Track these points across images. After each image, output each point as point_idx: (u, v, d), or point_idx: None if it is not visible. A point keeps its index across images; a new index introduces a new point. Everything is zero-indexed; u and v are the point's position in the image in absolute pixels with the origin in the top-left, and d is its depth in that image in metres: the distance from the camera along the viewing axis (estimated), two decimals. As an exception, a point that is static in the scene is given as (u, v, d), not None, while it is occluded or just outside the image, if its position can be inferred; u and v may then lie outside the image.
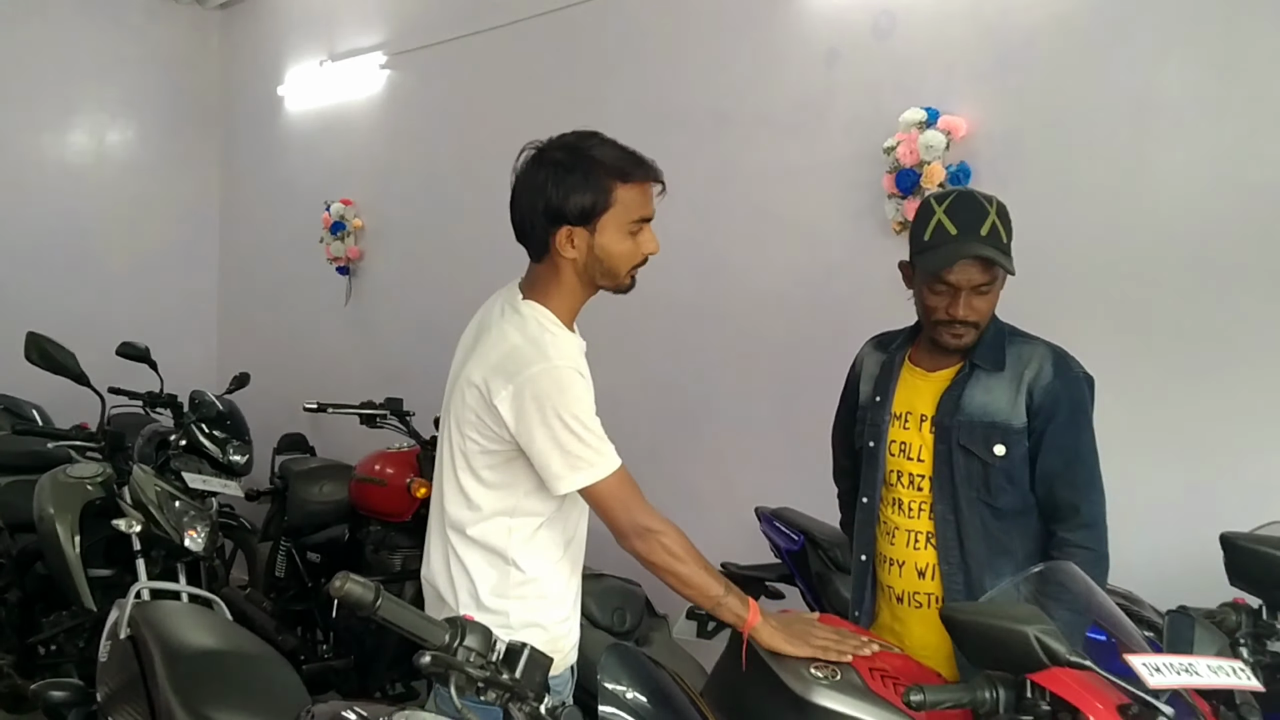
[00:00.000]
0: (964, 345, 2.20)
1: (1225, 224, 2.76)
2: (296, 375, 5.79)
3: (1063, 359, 2.20)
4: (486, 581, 1.97)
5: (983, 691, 1.61)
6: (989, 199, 2.18)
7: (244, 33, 6.56)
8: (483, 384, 1.91)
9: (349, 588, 1.43)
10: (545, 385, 1.87)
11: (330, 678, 3.98)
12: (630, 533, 1.92)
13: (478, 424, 1.93)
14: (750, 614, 1.92)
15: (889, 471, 2.29)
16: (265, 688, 2.29)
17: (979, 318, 2.17)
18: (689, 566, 1.93)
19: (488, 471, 1.96)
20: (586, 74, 4.42)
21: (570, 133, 1.99)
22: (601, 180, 1.92)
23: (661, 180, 2.01)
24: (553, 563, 2.02)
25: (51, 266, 6.00)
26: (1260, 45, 2.72)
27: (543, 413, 1.86)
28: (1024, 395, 2.15)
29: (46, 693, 2.57)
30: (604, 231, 1.94)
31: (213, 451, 4.28)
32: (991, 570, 2.16)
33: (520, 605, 1.97)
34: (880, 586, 2.32)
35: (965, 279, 2.13)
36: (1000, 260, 2.11)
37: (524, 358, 1.89)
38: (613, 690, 1.53)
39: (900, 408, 2.28)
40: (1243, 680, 1.63)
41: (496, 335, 1.95)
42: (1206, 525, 2.36)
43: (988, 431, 2.16)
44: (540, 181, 1.92)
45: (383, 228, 5.49)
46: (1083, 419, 2.18)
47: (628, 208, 1.95)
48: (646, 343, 4.18)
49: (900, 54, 3.41)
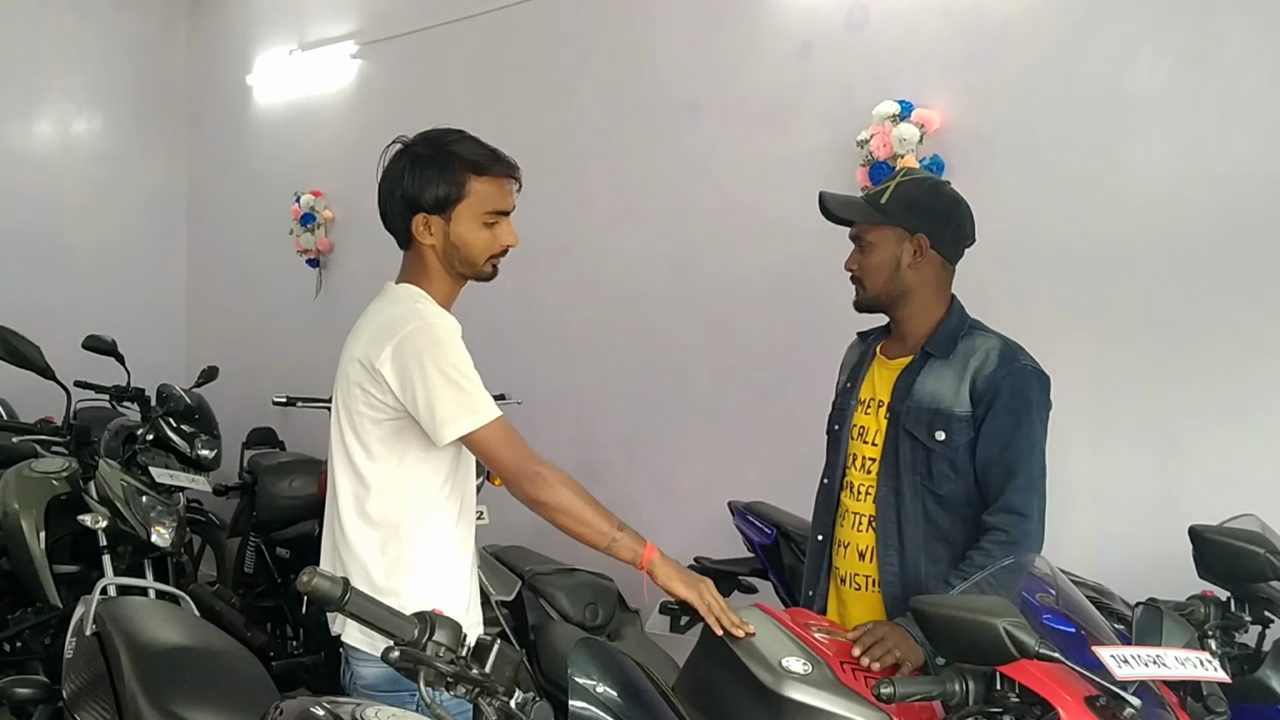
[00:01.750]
0: (857, 302, 2.34)
1: (1196, 217, 2.78)
2: (266, 368, 5.74)
3: (1011, 351, 2.22)
4: (379, 564, 2.01)
5: (952, 684, 1.62)
6: (913, 175, 2.39)
7: (212, 21, 6.48)
8: (363, 356, 2.00)
9: (316, 582, 1.44)
10: (422, 340, 1.96)
11: (300, 674, 3.96)
12: (519, 475, 1.96)
13: (364, 397, 2.01)
14: (646, 550, 1.96)
15: (849, 455, 2.35)
16: (233, 684, 2.26)
17: (862, 273, 2.31)
18: (580, 504, 1.96)
19: (378, 444, 2.02)
20: (558, 64, 4.40)
21: (435, 129, 2.10)
22: (456, 173, 2.03)
23: (518, 177, 2.10)
24: (444, 536, 2.06)
25: (16, 258, 5.91)
26: (1230, 40, 2.74)
27: (422, 366, 1.93)
28: (968, 383, 2.19)
29: (11, 690, 2.53)
30: (459, 221, 2.04)
31: (180, 446, 4.22)
32: (928, 556, 2.18)
33: (415, 585, 2.00)
34: (831, 568, 2.37)
35: (854, 232, 2.34)
36: (864, 207, 2.30)
37: (398, 320, 1.99)
38: (583, 684, 1.52)
39: (865, 394, 2.35)
40: (1210, 672, 1.65)
41: (371, 313, 2.09)
42: (1176, 518, 2.38)
43: (931, 417, 2.20)
44: (400, 172, 2.05)
45: (353, 219, 5.45)
46: (1021, 407, 2.17)
47: (482, 199, 2.05)
48: (619, 336, 4.17)
49: (874, 47, 3.41)
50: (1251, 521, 2.33)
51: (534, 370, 4.36)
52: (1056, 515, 2.90)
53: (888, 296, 2.29)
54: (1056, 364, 2.95)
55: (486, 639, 1.51)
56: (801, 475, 2.63)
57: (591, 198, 4.24)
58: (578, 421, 4.29)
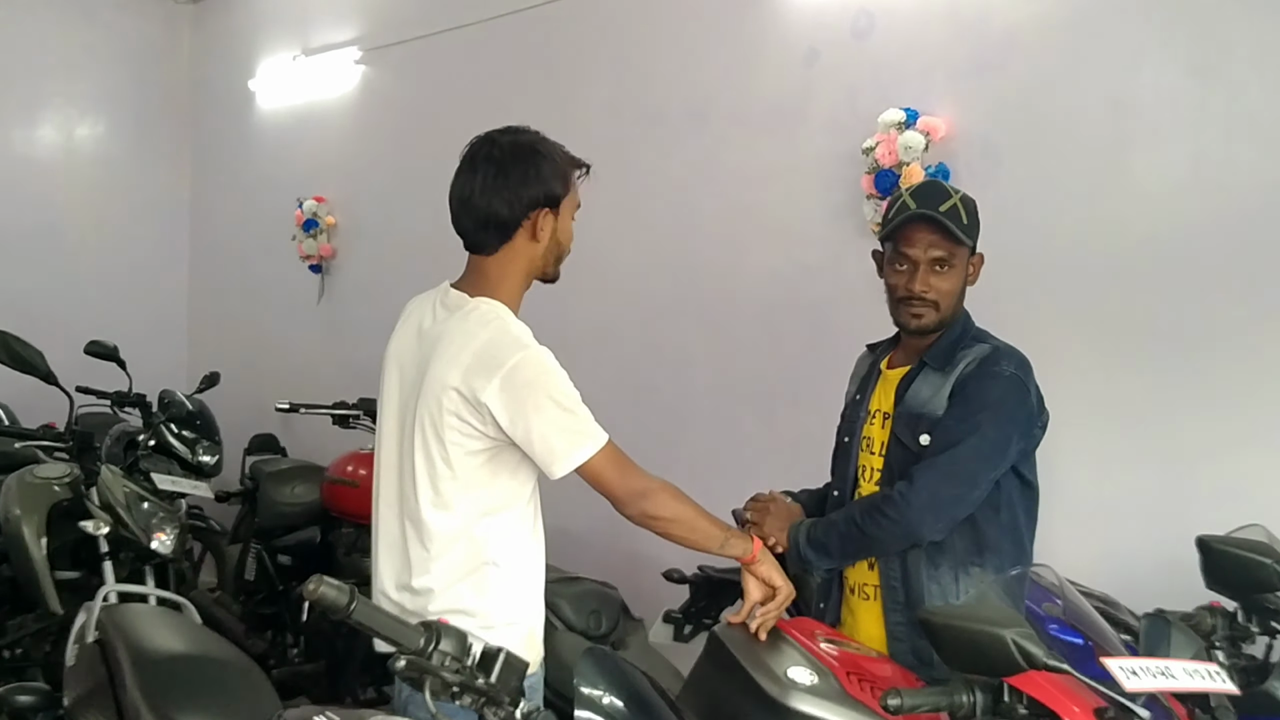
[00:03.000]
0: (924, 326, 2.20)
1: (1202, 226, 2.77)
2: (268, 375, 5.74)
3: (995, 356, 2.18)
4: (465, 584, 1.96)
5: (960, 695, 1.61)
6: (955, 189, 2.22)
7: (216, 26, 6.49)
8: (463, 385, 1.91)
9: (323, 591, 1.42)
10: (531, 372, 1.91)
11: (301, 682, 3.94)
12: (635, 496, 1.97)
13: (460, 425, 1.93)
14: (754, 548, 2.06)
15: (859, 467, 2.33)
16: (235, 692, 2.25)
17: (937, 296, 2.17)
18: (692, 513, 2.01)
19: (470, 472, 1.95)
20: (563, 71, 4.40)
21: (505, 128, 2.07)
22: (563, 166, 2.05)
23: (588, 166, 2.13)
24: (526, 557, 2.04)
25: (19, 263, 5.91)
26: (1237, 49, 2.74)
27: (535, 398, 1.90)
28: (950, 387, 2.18)
29: (12, 697, 2.53)
30: (564, 216, 2.07)
31: (182, 452, 4.21)
32: (929, 562, 2.16)
33: (499, 604, 1.97)
34: (841, 579, 2.35)
35: (922, 250, 2.15)
36: (956, 232, 2.13)
37: (501, 349, 1.92)
38: (589, 694, 1.51)
39: (874, 406, 2.33)
40: (1218, 683, 1.64)
41: (459, 335, 1.96)
42: (1183, 529, 2.37)
43: (916, 422, 2.19)
44: (508, 168, 1.99)
45: (356, 225, 5.45)
46: (978, 405, 2.13)
47: (576, 193, 2.10)
48: (624, 343, 4.17)
49: (879, 54, 3.41)
50: (1259, 532, 2.32)
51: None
52: (1063, 525, 2.90)
53: (948, 320, 2.22)
54: (1063, 373, 2.97)
55: (493, 648, 1.50)
56: (806, 483, 2.62)
57: (596, 204, 4.22)
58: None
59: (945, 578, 2.15)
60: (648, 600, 3.32)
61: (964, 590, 2.16)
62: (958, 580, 2.15)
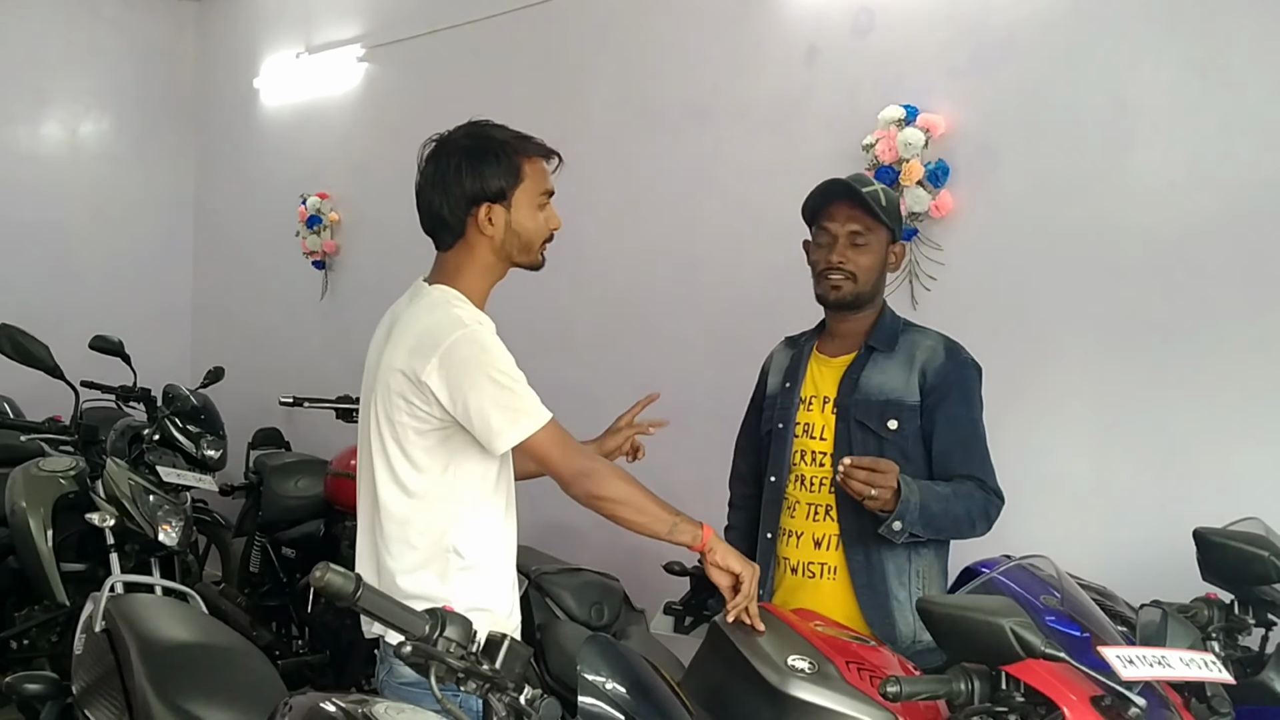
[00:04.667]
0: (843, 297, 2.34)
1: (1201, 222, 2.78)
2: (272, 369, 5.76)
3: (955, 346, 2.37)
4: (428, 571, 1.99)
5: (958, 683, 1.62)
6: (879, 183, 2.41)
7: (220, 24, 6.50)
8: (406, 367, 1.96)
9: (329, 578, 1.45)
10: (467, 349, 1.94)
11: (306, 673, 3.97)
12: (577, 475, 1.98)
13: (407, 408, 1.97)
14: (705, 531, 2.02)
15: (794, 451, 2.41)
16: (242, 680, 2.27)
17: (855, 269, 2.31)
18: (638, 495, 1.99)
19: (423, 454, 1.99)
20: (565, 69, 4.41)
21: (464, 123, 2.10)
22: (510, 157, 2.03)
23: (558, 154, 2.12)
24: (493, 547, 2.06)
25: (24, 259, 5.94)
26: (1236, 45, 2.75)
27: (472, 375, 1.92)
28: (917, 375, 2.32)
29: (21, 685, 2.54)
30: (518, 207, 2.04)
31: (186, 446, 4.24)
32: (886, 543, 2.24)
33: (463, 591, 1.99)
34: (778, 559, 2.42)
35: (840, 224, 2.31)
36: (873, 208, 2.27)
37: (440, 329, 1.96)
38: (592, 681, 1.53)
39: (807, 392, 2.44)
40: (1214, 673, 1.66)
41: (407, 320, 2.02)
42: (1180, 521, 2.39)
43: (882, 408, 2.31)
44: (450, 166, 2.03)
45: (359, 222, 5.46)
46: (973, 399, 2.34)
47: (535, 181, 2.06)
48: (624, 338, 4.18)
49: (879, 51, 3.42)
50: (1255, 524, 2.33)
51: (538, 372, 4.34)
52: (1061, 517, 2.93)
53: (866, 297, 2.37)
54: (1060, 367, 2.99)
55: (497, 635, 1.52)
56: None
57: (597, 201, 4.25)
58: (580, 424, 4.26)
59: (899, 557, 2.28)
60: (649, 592, 3.34)
61: (916, 570, 2.30)
62: (910, 560, 2.29)
